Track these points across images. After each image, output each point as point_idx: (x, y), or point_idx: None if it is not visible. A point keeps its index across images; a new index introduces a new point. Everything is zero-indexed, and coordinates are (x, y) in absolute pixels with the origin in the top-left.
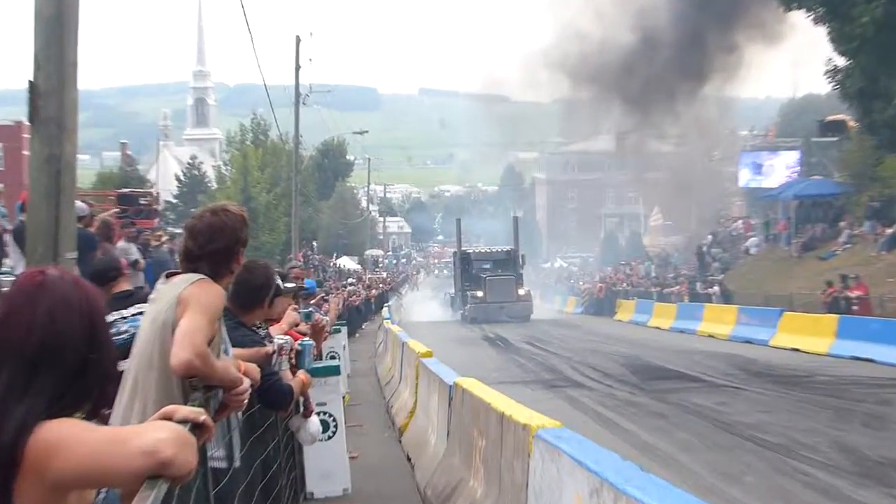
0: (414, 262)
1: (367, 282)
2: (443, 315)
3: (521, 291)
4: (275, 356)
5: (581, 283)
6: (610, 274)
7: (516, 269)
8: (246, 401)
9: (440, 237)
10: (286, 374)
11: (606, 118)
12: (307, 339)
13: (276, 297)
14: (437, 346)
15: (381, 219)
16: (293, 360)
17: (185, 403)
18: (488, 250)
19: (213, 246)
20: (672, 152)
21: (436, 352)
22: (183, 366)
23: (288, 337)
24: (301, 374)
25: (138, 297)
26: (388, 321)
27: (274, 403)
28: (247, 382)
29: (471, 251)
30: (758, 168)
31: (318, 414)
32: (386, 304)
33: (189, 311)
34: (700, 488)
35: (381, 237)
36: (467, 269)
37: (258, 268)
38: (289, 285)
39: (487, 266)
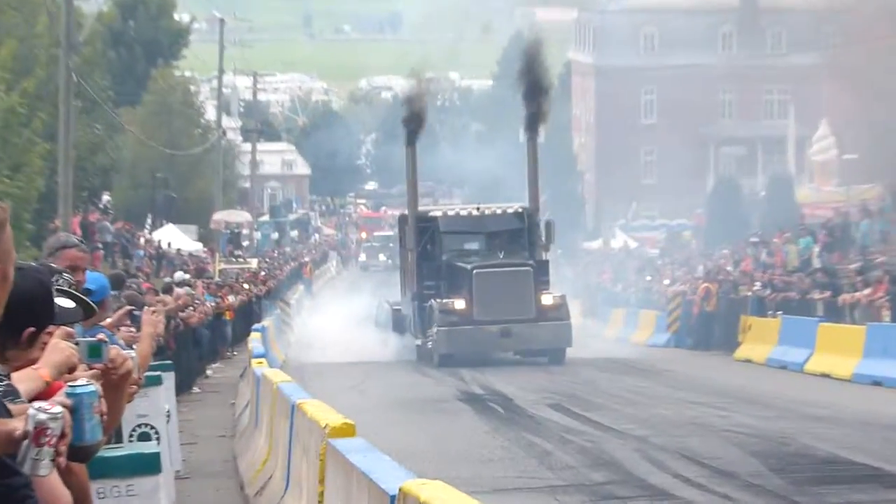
0: (316, 237)
1: (217, 280)
2: (380, 347)
3: (548, 299)
4: (26, 443)
5: (665, 283)
6: (725, 262)
7: (535, 251)
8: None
9: (371, 185)
10: (50, 483)
11: None
12: (85, 384)
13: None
14: (368, 415)
15: (249, 147)
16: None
17: None
18: (476, 213)
19: None
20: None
21: (364, 425)
22: None
23: (58, 407)
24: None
25: None
26: (261, 360)
27: None
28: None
29: (439, 214)
30: None
31: None
32: (257, 326)
33: None
34: None
35: (249, 186)
36: (432, 251)
37: (25, 274)
38: (66, 303)
39: (475, 246)
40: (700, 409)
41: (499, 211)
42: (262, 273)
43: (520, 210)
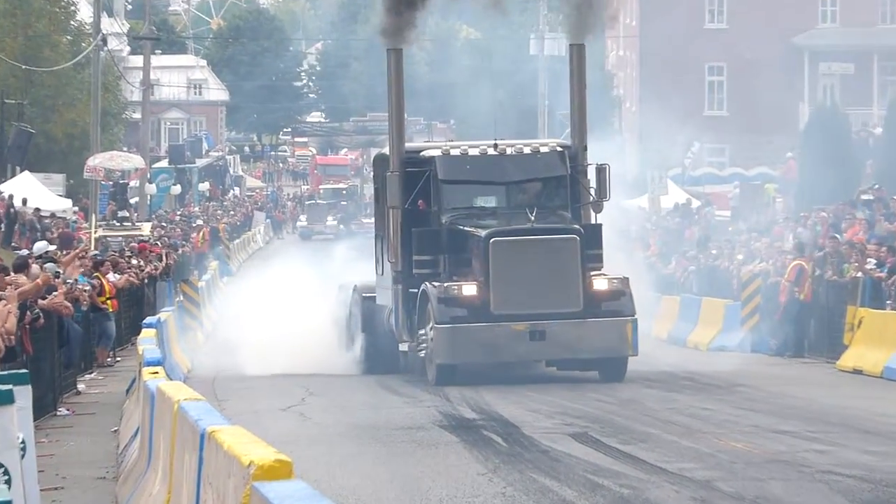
0: (235, 192)
1: (94, 252)
2: (336, 355)
3: (602, 282)
4: None
5: (738, 259)
6: (826, 229)
7: (581, 211)
8: None
9: (315, 117)
10: None
11: None
12: None
13: None
14: (311, 448)
15: (139, 61)
16: None
17: None
18: (493, 152)
19: None
20: None
21: (305, 463)
22: None
23: None
24: None
25: None
26: (156, 370)
27: None
28: None
29: (437, 153)
30: None
31: None
32: (150, 320)
33: None
34: None
35: (140, 118)
36: (427, 209)
37: None
38: None
39: (491, 202)
40: (789, 440)
41: (527, 150)
42: (159, 243)
43: (559, 149)
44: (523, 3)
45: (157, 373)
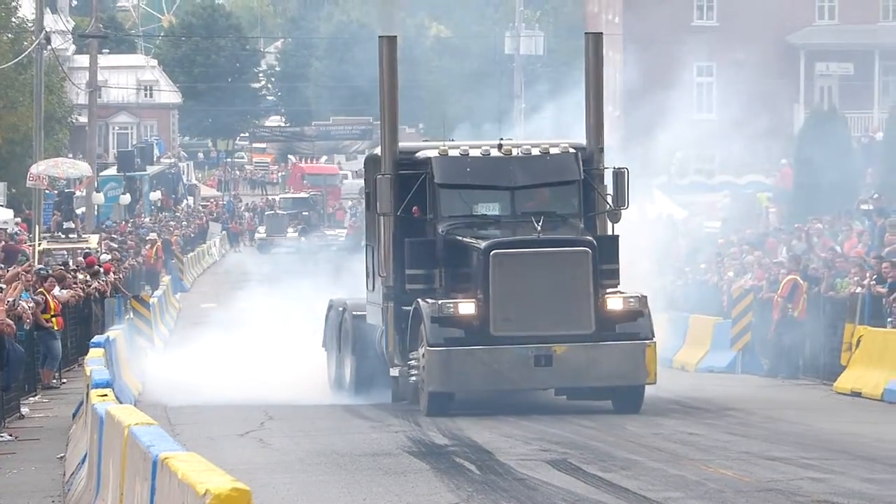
0: (189, 202)
1: (38, 267)
2: (311, 381)
3: (616, 302)
4: None
5: (730, 275)
6: (822, 241)
7: (594, 221)
8: None
9: (274, 121)
10: None
11: None
12: None
13: None
14: (270, 476)
15: (86, 61)
16: None
17: None
18: (497, 154)
19: None
20: None
21: (264, 491)
22: None
23: None
24: None
25: None
26: (105, 392)
27: None
28: None
29: (434, 154)
30: None
31: None
32: (98, 339)
33: None
34: None
35: (87, 122)
36: (422, 217)
37: None
38: None
39: (494, 209)
40: (782, 468)
41: (536, 151)
42: (108, 257)
43: (572, 150)
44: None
45: (105, 395)
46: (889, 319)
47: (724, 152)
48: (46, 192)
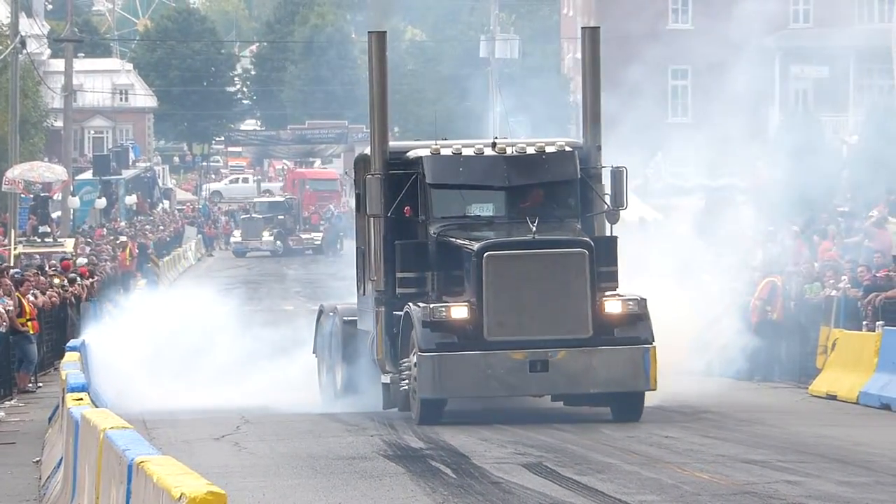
0: (164, 205)
1: (13, 271)
2: (296, 388)
3: (614, 305)
4: None
5: (704, 279)
6: (797, 245)
7: (592, 222)
8: None
9: (250, 124)
10: None
11: None
12: None
13: None
14: (245, 480)
15: (61, 65)
16: None
17: None
18: (491, 152)
19: None
20: None
21: (239, 495)
22: None
23: None
24: None
25: None
26: (81, 396)
27: None
28: None
29: (425, 153)
30: None
31: None
32: (74, 343)
33: None
34: None
35: (62, 126)
36: (413, 218)
37: None
38: None
39: (488, 210)
40: (758, 471)
41: (531, 149)
42: (83, 261)
43: (568, 149)
44: (473, 3)
45: (81, 399)
46: (864, 322)
47: (700, 155)
48: (22, 195)
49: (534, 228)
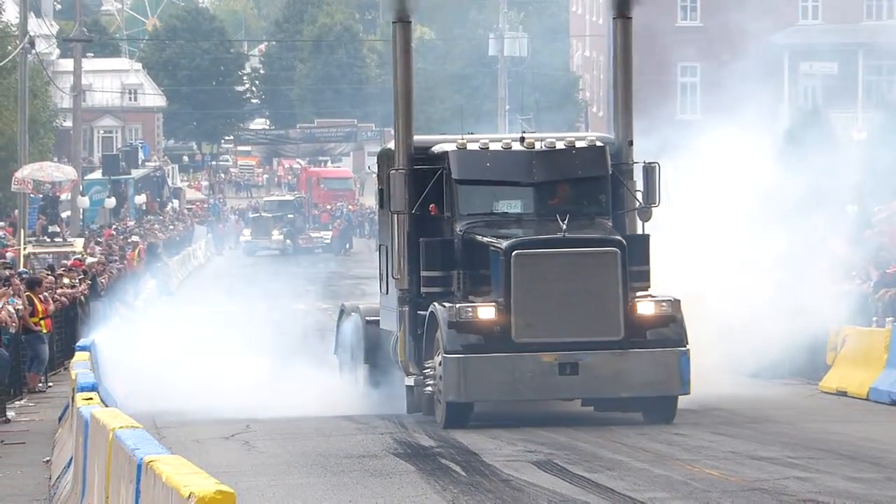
0: (174, 205)
1: (23, 270)
2: (316, 386)
3: (647, 306)
4: None
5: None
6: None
7: (624, 219)
8: None
9: (259, 124)
10: None
11: None
12: None
13: None
14: (255, 479)
15: (70, 65)
16: None
17: None
18: (520, 147)
19: None
20: None
21: (249, 494)
22: None
23: None
24: None
25: None
26: (91, 396)
27: None
28: None
29: (451, 148)
30: None
31: None
32: (84, 342)
33: None
34: None
35: (71, 126)
36: (439, 215)
37: None
38: None
39: (516, 207)
40: (768, 467)
41: (561, 144)
42: (93, 260)
43: (599, 144)
44: (481, 0)
45: (91, 399)
46: (874, 318)
47: (710, 151)
48: (31, 195)
49: (564, 226)
